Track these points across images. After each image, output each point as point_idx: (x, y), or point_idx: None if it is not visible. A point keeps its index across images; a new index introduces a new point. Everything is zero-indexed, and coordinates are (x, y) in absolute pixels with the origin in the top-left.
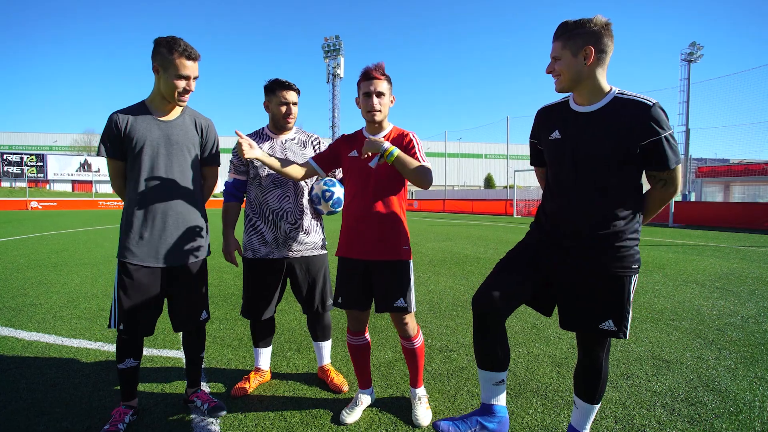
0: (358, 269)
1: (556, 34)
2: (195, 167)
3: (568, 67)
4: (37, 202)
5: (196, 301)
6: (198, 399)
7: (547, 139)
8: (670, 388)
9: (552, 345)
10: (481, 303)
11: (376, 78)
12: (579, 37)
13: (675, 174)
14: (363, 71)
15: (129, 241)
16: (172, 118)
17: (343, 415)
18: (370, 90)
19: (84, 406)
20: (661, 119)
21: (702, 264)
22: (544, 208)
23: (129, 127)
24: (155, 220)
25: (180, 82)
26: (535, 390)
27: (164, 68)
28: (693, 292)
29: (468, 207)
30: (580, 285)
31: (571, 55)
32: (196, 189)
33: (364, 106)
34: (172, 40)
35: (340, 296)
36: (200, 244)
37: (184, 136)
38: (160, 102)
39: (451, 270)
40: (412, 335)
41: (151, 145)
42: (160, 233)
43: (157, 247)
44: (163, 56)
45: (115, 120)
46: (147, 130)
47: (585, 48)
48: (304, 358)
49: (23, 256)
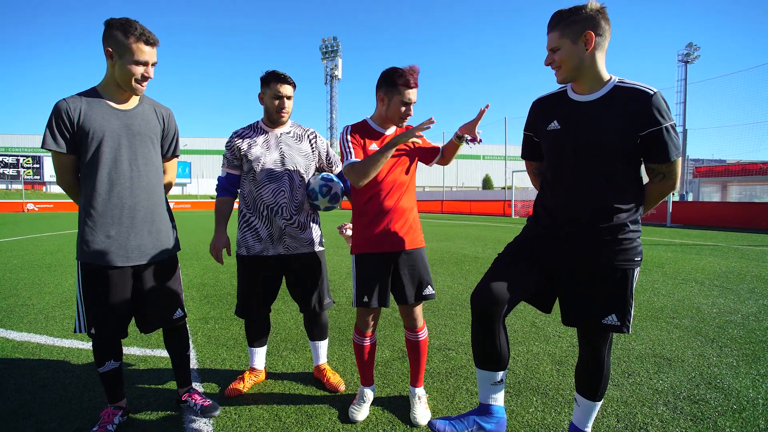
0: (386, 263)
1: (551, 25)
2: (158, 159)
3: (569, 56)
4: (33, 204)
5: (170, 300)
6: (191, 399)
7: (545, 130)
8: (672, 385)
9: (552, 343)
10: (480, 299)
11: (416, 87)
12: (576, 23)
13: (674, 167)
14: (403, 78)
15: (94, 241)
16: (131, 106)
17: (353, 412)
18: (407, 99)
19: (73, 407)
20: (662, 109)
21: (701, 263)
22: (542, 201)
23: (83, 116)
24: (122, 217)
25: (137, 68)
26: (535, 388)
27: (119, 54)
28: (692, 290)
29: (466, 208)
30: (581, 275)
31: (570, 43)
32: (161, 182)
33: (396, 112)
34: (126, 23)
35: (366, 295)
36: (171, 239)
37: (146, 126)
38: (115, 89)
39: (449, 269)
40: (421, 324)
41: (111, 137)
42: (128, 231)
43: (126, 246)
44: (118, 40)
45: (65, 108)
46: (105, 120)
47: (584, 34)
48: (300, 358)
49: (17, 257)
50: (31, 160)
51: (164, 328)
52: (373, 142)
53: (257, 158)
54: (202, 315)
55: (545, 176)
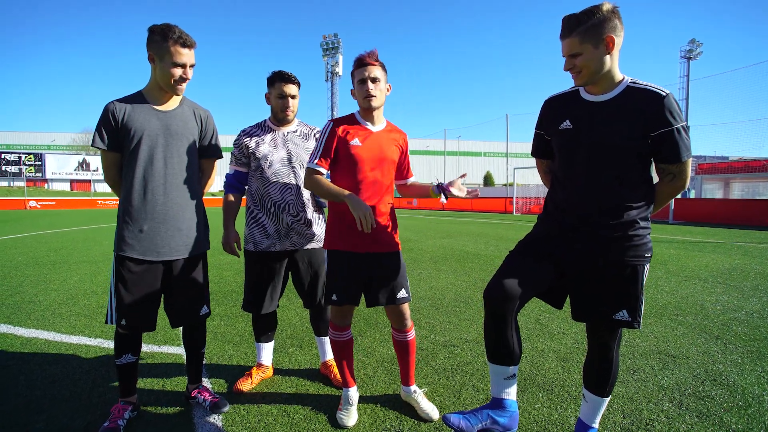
0: (358, 263)
1: (567, 30)
2: (194, 159)
3: (592, 61)
4: (35, 201)
5: (197, 296)
6: (200, 395)
7: (557, 129)
8: (678, 382)
9: (556, 340)
10: (493, 296)
11: (370, 64)
12: (596, 27)
13: (685, 167)
14: (356, 59)
15: (128, 235)
16: (171, 108)
17: (342, 419)
18: (364, 76)
19: (83, 402)
20: (674, 110)
21: (704, 260)
22: (552, 199)
23: (126, 117)
24: (155, 213)
25: (176, 70)
26: (541, 385)
27: (159, 57)
28: (696, 287)
29: (468, 204)
30: (592, 271)
31: (593, 48)
32: (196, 181)
33: (359, 93)
34: (166, 27)
35: (335, 293)
36: (201, 237)
37: (184, 127)
38: (157, 92)
39: (452, 266)
40: (409, 325)
41: (149, 136)
42: (160, 226)
43: (157, 241)
44: (158, 44)
45: (112, 110)
46: (145, 120)
47: (606, 37)
48: (306, 354)
49: (21, 255)
50: (33, 158)
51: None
52: (356, 137)
53: (265, 156)
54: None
55: (556, 174)
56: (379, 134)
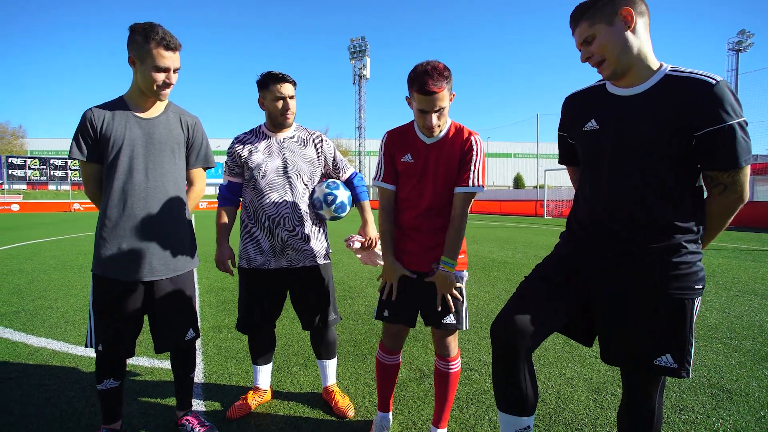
0: (412, 280)
1: (575, 18)
2: (179, 169)
3: (610, 41)
4: (79, 204)
5: (182, 320)
6: (188, 423)
7: (581, 130)
8: (736, 425)
9: (588, 366)
10: (501, 331)
11: (435, 92)
12: (607, 6)
13: (739, 176)
14: (418, 81)
15: (106, 253)
16: (155, 115)
17: None
18: (426, 108)
19: (72, 425)
20: (727, 101)
21: (760, 271)
22: (575, 215)
23: (106, 125)
24: (135, 230)
25: (158, 74)
26: (569, 422)
27: (140, 59)
28: (752, 304)
29: (496, 207)
30: (624, 304)
31: (607, 26)
32: (181, 194)
33: (420, 122)
34: (149, 27)
35: (387, 308)
36: (186, 255)
37: (168, 135)
38: (139, 97)
39: (475, 275)
40: (454, 354)
41: (129, 145)
42: (140, 244)
43: (137, 260)
44: (139, 45)
45: (90, 117)
46: (126, 128)
47: (620, 11)
48: (311, 375)
49: (53, 258)
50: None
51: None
52: (408, 152)
53: (258, 165)
54: (217, 323)
55: (581, 184)
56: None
